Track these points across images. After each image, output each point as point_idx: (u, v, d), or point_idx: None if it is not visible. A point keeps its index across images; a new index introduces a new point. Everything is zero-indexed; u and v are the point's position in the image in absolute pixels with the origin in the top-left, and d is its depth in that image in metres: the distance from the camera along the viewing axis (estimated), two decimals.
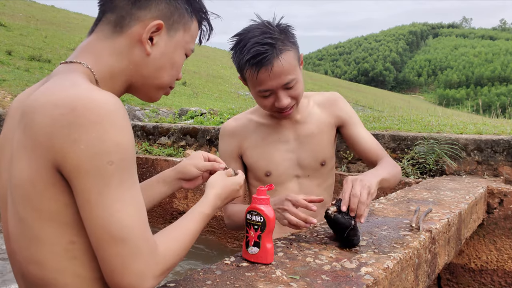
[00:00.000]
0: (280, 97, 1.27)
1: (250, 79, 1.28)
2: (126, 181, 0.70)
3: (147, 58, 0.84)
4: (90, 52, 0.81)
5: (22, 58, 9.71)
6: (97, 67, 0.81)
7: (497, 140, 2.75)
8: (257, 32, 1.23)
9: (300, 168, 1.44)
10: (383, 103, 15.44)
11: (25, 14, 18.92)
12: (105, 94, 0.71)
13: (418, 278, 1.22)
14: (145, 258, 0.70)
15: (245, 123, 1.47)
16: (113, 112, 0.68)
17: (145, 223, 0.72)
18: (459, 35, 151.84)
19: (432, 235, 1.32)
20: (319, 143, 1.45)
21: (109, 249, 0.68)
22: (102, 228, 0.68)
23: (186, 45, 0.90)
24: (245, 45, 1.23)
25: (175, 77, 0.91)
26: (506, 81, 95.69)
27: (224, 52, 36.38)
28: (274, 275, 0.91)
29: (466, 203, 1.83)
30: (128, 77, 0.85)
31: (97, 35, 0.83)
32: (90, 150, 0.66)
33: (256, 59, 1.21)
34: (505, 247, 2.48)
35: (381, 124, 3.88)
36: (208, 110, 5.72)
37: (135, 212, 0.70)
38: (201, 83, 15.05)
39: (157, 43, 0.84)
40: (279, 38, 1.23)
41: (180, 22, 0.87)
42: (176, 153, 4.28)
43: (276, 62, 1.22)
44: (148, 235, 0.71)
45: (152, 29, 0.82)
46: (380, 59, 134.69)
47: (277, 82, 1.25)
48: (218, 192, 0.95)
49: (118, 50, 0.82)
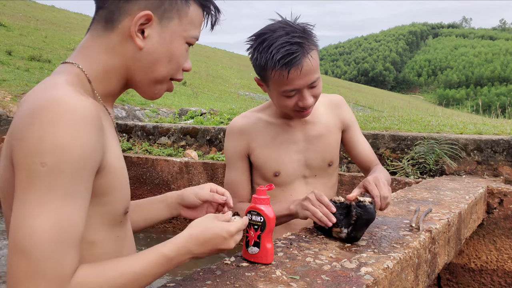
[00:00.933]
0: (305, 96, 1.27)
1: (277, 79, 1.25)
2: (57, 189, 0.62)
3: (141, 52, 0.80)
4: (84, 51, 0.80)
5: (22, 58, 9.71)
6: (90, 66, 0.79)
7: (497, 140, 2.75)
8: (283, 31, 1.21)
9: (308, 168, 1.45)
10: (383, 103, 15.43)
11: (25, 14, 18.91)
12: (71, 97, 0.66)
13: (418, 278, 1.22)
14: (45, 284, 0.60)
15: (254, 122, 1.45)
16: (66, 115, 0.64)
17: (65, 243, 0.62)
18: (459, 35, 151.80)
19: (432, 235, 1.32)
20: (327, 144, 1.46)
21: (12, 257, 0.61)
22: (12, 232, 0.62)
23: (185, 33, 0.83)
24: (271, 44, 1.21)
25: (176, 69, 0.85)
26: (506, 81, 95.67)
27: (224, 52, 36.37)
28: (274, 275, 0.91)
29: (466, 203, 1.83)
30: (124, 74, 0.82)
31: (91, 34, 0.81)
32: (28, 147, 0.63)
33: (287, 59, 1.19)
34: (505, 247, 2.48)
35: (381, 124, 3.88)
36: (208, 110, 5.72)
37: (54, 226, 0.61)
38: (201, 83, 15.05)
39: (149, 35, 0.79)
40: (305, 37, 1.23)
41: (173, 10, 0.81)
42: (176, 153, 4.28)
43: (305, 61, 1.22)
44: (62, 259, 0.61)
45: (140, 21, 0.78)
46: (380, 59, 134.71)
47: (305, 81, 1.25)
48: (193, 233, 0.79)
49: (111, 47, 0.79)
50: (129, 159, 4.21)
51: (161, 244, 0.76)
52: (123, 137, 4.81)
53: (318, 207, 1.14)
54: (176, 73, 0.86)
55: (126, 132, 4.78)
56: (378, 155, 3.22)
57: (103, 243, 0.79)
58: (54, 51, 11.87)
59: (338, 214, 1.13)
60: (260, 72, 1.30)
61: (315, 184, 1.46)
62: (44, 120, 0.63)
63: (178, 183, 3.98)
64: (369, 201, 1.12)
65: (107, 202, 0.77)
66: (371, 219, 1.11)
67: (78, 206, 0.65)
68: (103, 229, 0.79)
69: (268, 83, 1.30)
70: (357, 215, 1.10)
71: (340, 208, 1.14)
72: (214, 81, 16.76)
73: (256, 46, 1.26)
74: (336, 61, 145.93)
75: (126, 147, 4.55)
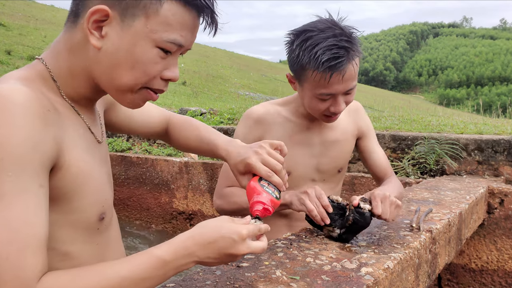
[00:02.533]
0: (339, 102, 1.24)
1: (316, 81, 1.20)
2: (2, 186, 0.57)
3: (99, 53, 0.69)
4: (53, 48, 0.74)
5: (21, 58, 9.71)
6: (56, 64, 0.73)
7: (497, 140, 2.74)
8: (331, 33, 1.17)
9: (318, 172, 1.43)
10: (383, 102, 15.42)
11: (24, 14, 18.92)
12: (11, 90, 0.61)
13: (418, 278, 1.21)
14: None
15: (273, 114, 1.40)
16: (3, 108, 0.59)
17: (21, 244, 0.56)
18: (459, 34, 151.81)
19: (432, 235, 1.31)
20: (342, 150, 1.44)
21: None
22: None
23: (154, 35, 0.68)
24: (316, 44, 1.16)
25: (145, 78, 0.71)
26: (507, 81, 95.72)
27: (224, 52, 36.36)
28: (274, 275, 0.90)
29: (466, 203, 1.83)
30: (88, 76, 0.73)
31: (63, 30, 0.74)
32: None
33: (332, 62, 1.15)
34: (506, 247, 2.47)
35: (381, 124, 3.88)
36: (208, 110, 5.71)
37: (3, 226, 0.56)
38: (201, 83, 15.06)
39: (108, 34, 0.68)
40: (352, 43, 1.19)
41: (137, 7, 0.67)
42: (176, 153, 4.28)
43: (349, 67, 1.18)
44: (20, 261, 0.56)
45: (93, 16, 0.67)
46: (381, 58, 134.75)
47: (343, 87, 1.21)
48: (196, 232, 0.69)
49: (74, 44, 0.71)
50: (128, 159, 4.21)
51: (156, 246, 0.67)
52: (123, 137, 4.80)
53: (315, 206, 1.13)
54: (149, 81, 0.72)
55: None
56: None
57: (79, 253, 0.73)
58: None
59: (333, 214, 1.13)
60: (297, 70, 1.25)
61: (322, 188, 1.44)
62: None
63: (177, 183, 3.97)
64: (369, 209, 1.11)
65: (74, 209, 0.71)
66: (365, 226, 1.11)
67: (31, 204, 0.58)
68: (78, 238, 0.73)
69: (303, 82, 1.25)
70: (354, 220, 1.10)
71: (337, 208, 1.14)
72: (214, 80, 16.77)
73: (299, 42, 1.20)
74: None
75: (126, 147, 4.55)
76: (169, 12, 0.68)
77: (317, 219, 1.13)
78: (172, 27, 0.69)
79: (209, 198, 3.79)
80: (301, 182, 1.41)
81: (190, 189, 3.92)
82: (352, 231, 1.13)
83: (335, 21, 1.21)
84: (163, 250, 0.66)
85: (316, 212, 1.13)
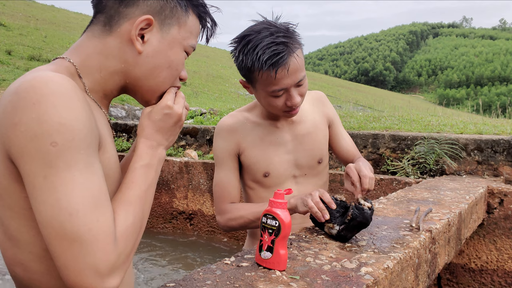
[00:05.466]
0: (293, 95, 1.28)
1: (264, 80, 1.26)
2: (76, 164, 0.63)
3: (139, 57, 0.80)
4: (77, 49, 0.80)
5: (22, 58, 9.71)
6: (83, 63, 0.78)
7: (497, 140, 2.75)
8: (267, 32, 1.22)
9: (298, 168, 1.45)
10: (383, 103, 15.43)
11: (24, 14, 18.92)
12: (52, 75, 0.66)
13: (418, 278, 1.21)
14: (101, 254, 0.63)
15: (242, 121, 1.45)
16: (56, 92, 0.64)
17: (101, 207, 0.65)
18: (459, 34, 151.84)
19: (432, 235, 1.32)
20: (316, 141, 1.47)
21: (59, 240, 0.62)
22: (50, 216, 0.62)
23: (184, 42, 0.84)
24: (256, 46, 1.21)
25: (175, 76, 0.86)
26: (506, 81, 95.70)
27: (224, 52, 36.37)
28: (274, 275, 0.91)
29: (466, 203, 1.83)
30: (121, 78, 0.81)
31: (87, 35, 0.81)
32: (30, 132, 0.61)
33: (274, 59, 1.20)
34: (505, 247, 2.48)
35: (381, 124, 3.88)
36: (208, 110, 5.72)
37: (88, 197, 0.64)
38: (201, 83, 15.05)
39: (149, 40, 0.80)
40: (290, 36, 1.24)
41: (173, 17, 0.82)
42: (176, 153, 4.28)
43: (292, 60, 1.22)
44: (105, 220, 0.65)
45: (140, 25, 0.78)
46: (380, 59, 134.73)
47: (292, 80, 1.25)
48: (146, 124, 0.83)
49: (108, 49, 0.79)
50: None
51: (134, 160, 0.79)
52: (123, 137, 4.81)
53: (316, 203, 1.17)
54: (175, 80, 0.87)
55: (126, 132, 4.78)
56: (378, 155, 3.22)
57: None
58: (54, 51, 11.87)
59: (335, 211, 1.16)
60: (246, 74, 1.31)
61: (305, 183, 1.47)
62: (34, 100, 0.62)
63: (178, 183, 3.98)
64: (369, 206, 1.13)
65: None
66: (364, 223, 1.12)
67: (96, 171, 0.66)
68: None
69: (255, 84, 1.31)
70: (352, 216, 1.11)
71: (339, 206, 1.17)
72: (214, 80, 16.77)
73: (241, 48, 1.26)
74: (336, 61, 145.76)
75: (126, 147, 4.55)
76: (192, 23, 0.85)
77: (318, 215, 1.15)
78: (193, 34, 0.86)
79: (209, 198, 3.80)
80: (282, 181, 1.44)
81: (190, 189, 3.92)
82: (351, 228, 1.13)
83: (269, 21, 1.26)
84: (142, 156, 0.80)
85: (316, 209, 1.15)
